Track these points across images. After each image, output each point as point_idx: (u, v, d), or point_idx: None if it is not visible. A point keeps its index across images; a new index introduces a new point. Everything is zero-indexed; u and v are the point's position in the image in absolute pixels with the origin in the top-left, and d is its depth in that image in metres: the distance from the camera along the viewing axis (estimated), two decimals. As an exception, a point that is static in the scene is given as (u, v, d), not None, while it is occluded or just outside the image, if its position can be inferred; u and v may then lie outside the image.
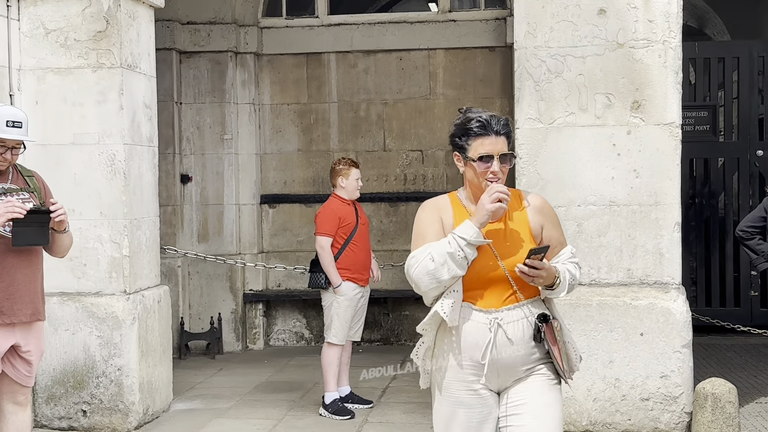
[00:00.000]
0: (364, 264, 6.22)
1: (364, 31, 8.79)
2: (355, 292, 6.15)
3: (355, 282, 6.14)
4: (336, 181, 6.24)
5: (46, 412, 5.79)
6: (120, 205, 5.79)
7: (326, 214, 6.15)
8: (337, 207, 6.18)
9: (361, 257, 6.19)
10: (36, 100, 5.77)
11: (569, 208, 5.41)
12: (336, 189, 6.26)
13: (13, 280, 4.00)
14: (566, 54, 5.39)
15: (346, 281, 6.10)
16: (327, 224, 6.11)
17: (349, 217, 6.18)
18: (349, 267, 6.12)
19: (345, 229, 6.14)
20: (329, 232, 6.10)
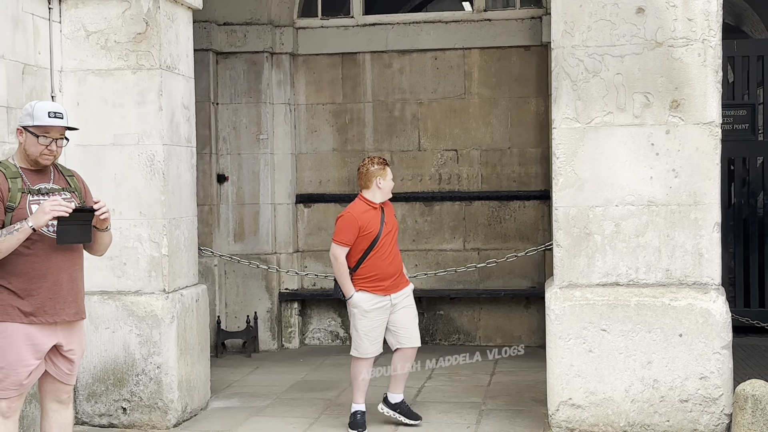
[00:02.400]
0: (387, 272, 5.72)
1: (399, 31, 8.80)
2: (373, 304, 5.70)
3: (372, 292, 5.69)
4: (371, 183, 5.75)
5: (87, 409, 5.87)
6: (159, 205, 5.85)
7: (347, 221, 5.68)
8: (359, 213, 5.69)
9: (382, 265, 5.70)
10: (77, 101, 5.85)
11: (607, 208, 5.38)
12: (366, 191, 5.77)
13: (57, 280, 4.06)
14: (604, 53, 5.36)
15: (361, 292, 5.68)
16: (345, 233, 5.66)
17: (371, 224, 5.70)
18: (366, 277, 5.69)
19: (366, 238, 5.68)
20: (345, 241, 5.66)
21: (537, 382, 6.82)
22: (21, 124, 4.06)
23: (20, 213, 3.96)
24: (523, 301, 8.70)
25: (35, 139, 4.02)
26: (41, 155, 4.06)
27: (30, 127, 4.02)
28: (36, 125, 4.01)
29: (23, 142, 4.06)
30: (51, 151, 4.08)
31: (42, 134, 4.02)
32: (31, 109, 4.05)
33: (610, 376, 5.31)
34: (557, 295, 5.41)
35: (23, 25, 5.41)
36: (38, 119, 4.01)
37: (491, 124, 8.79)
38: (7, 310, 3.97)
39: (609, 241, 5.38)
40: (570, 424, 5.34)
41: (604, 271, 5.38)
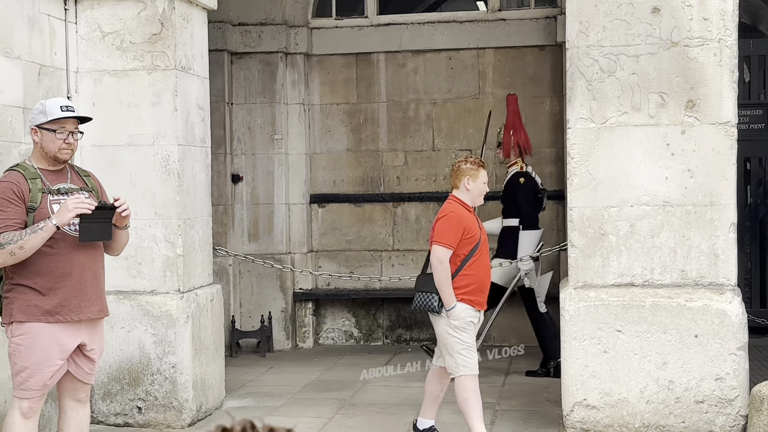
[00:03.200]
0: (484, 284, 5.20)
1: (413, 31, 8.80)
2: (470, 317, 5.13)
3: (469, 304, 5.10)
4: (459, 182, 5.19)
5: (103, 408, 5.89)
6: (174, 205, 5.87)
7: (452, 221, 5.07)
8: (462, 214, 5.12)
9: (479, 276, 5.15)
10: (93, 102, 5.88)
11: (622, 209, 5.37)
12: (456, 191, 5.20)
13: (81, 278, 4.08)
14: (619, 53, 5.34)
15: (461, 303, 5.08)
16: (450, 233, 5.04)
17: (473, 228, 5.13)
18: (465, 287, 5.08)
19: (468, 242, 5.09)
20: (451, 243, 5.04)
21: (551, 382, 6.80)
22: (34, 123, 4.07)
23: (42, 213, 3.99)
24: (538, 301, 8.66)
25: (52, 134, 4.05)
26: (60, 150, 4.07)
27: (45, 124, 4.04)
28: (51, 120, 4.03)
29: (39, 141, 4.08)
30: (69, 144, 4.10)
31: (59, 128, 4.05)
32: (42, 107, 4.07)
33: (625, 377, 5.29)
34: (572, 296, 5.39)
35: (39, 26, 5.45)
36: (52, 114, 4.03)
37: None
38: (32, 310, 4.00)
39: (624, 242, 5.36)
40: (585, 425, 5.33)
41: (619, 271, 5.37)
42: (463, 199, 5.20)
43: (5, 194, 3.95)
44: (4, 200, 3.94)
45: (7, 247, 3.87)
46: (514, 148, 7.42)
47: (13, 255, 3.89)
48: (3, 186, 3.98)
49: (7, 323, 4.06)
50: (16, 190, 3.96)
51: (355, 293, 8.81)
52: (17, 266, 3.98)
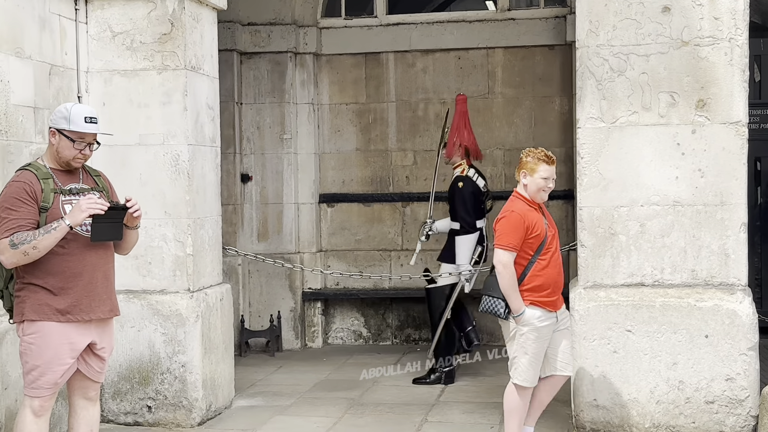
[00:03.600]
0: (555, 283, 4.88)
1: (422, 31, 8.79)
2: (542, 321, 4.82)
3: (541, 307, 4.81)
4: (518, 176, 4.93)
5: (113, 407, 5.91)
6: (184, 205, 5.88)
7: (512, 221, 4.79)
8: (525, 212, 4.82)
9: (551, 275, 4.85)
10: (103, 101, 5.89)
11: (632, 208, 5.36)
12: (519, 186, 4.94)
13: (92, 278, 4.10)
14: (629, 52, 5.33)
15: (530, 307, 4.79)
16: (512, 234, 4.75)
17: (538, 225, 4.82)
18: (534, 289, 4.80)
19: (533, 241, 4.80)
20: (513, 244, 4.75)
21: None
22: (55, 126, 4.07)
23: (54, 213, 4.01)
24: (547, 301, 8.65)
25: (70, 143, 4.06)
26: (74, 159, 4.10)
27: (66, 131, 4.05)
28: (72, 130, 4.04)
29: (56, 144, 4.08)
30: (84, 155, 4.12)
31: (78, 139, 4.06)
32: (67, 113, 4.06)
33: (635, 377, 5.28)
34: (581, 296, 5.39)
35: (50, 26, 5.46)
36: (75, 124, 4.04)
37: (515, 123, 8.76)
38: (44, 309, 4.01)
39: (634, 242, 5.35)
40: (595, 425, 5.32)
41: (629, 271, 5.36)
42: (523, 193, 4.91)
43: (18, 194, 3.96)
44: (17, 200, 3.95)
45: (21, 247, 3.89)
46: (459, 149, 7.30)
47: (26, 255, 3.91)
48: (16, 186, 4.00)
49: (19, 322, 4.08)
50: (28, 190, 3.97)
51: (364, 293, 8.82)
52: (29, 266, 3.99)
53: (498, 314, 4.87)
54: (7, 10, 5.04)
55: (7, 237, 3.91)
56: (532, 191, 4.86)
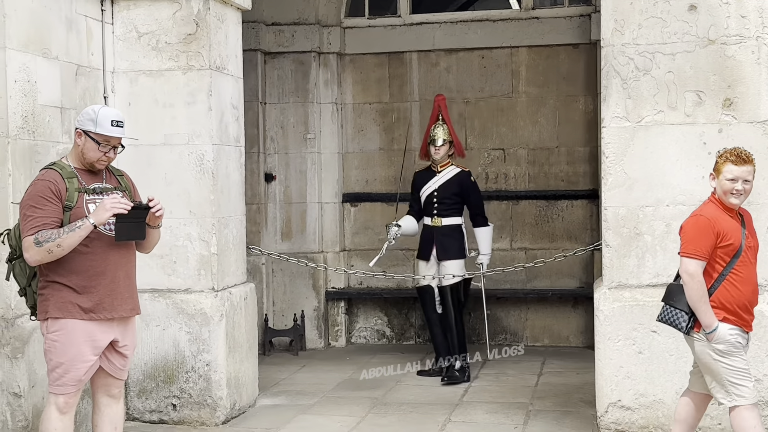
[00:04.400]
0: (749, 299, 4.35)
1: (446, 30, 8.78)
2: (737, 338, 4.32)
3: (734, 324, 4.31)
4: (712, 178, 4.44)
5: (138, 405, 5.95)
6: (208, 204, 5.91)
7: (698, 225, 4.32)
8: (715, 216, 4.32)
9: (746, 291, 4.33)
10: (129, 101, 5.93)
11: (657, 208, 5.32)
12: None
13: (114, 276, 4.14)
14: (655, 51, 5.30)
15: (722, 322, 4.29)
16: (698, 240, 4.27)
17: (732, 234, 4.30)
18: (725, 305, 4.30)
19: (725, 251, 4.29)
20: (701, 252, 4.26)
21: (585, 383, 6.76)
22: (82, 127, 4.11)
23: (78, 212, 4.04)
24: (571, 301, 8.64)
25: (96, 145, 4.10)
26: (98, 161, 4.14)
27: (92, 133, 4.08)
28: (98, 133, 4.08)
29: (81, 145, 4.12)
30: (108, 157, 4.16)
31: (103, 142, 4.10)
32: (94, 115, 4.09)
33: (661, 378, 5.24)
34: (606, 296, 5.36)
35: (77, 26, 5.50)
36: (101, 127, 4.07)
37: (539, 122, 8.74)
38: (67, 307, 4.05)
39: (659, 242, 5.31)
40: (619, 426, 5.29)
41: (655, 271, 5.32)
42: (721, 196, 4.38)
43: (43, 193, 4.01)
44: (42, 198, 3.99)
45: (45, 245, 3.93)
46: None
47: (50, 253, 3.95)
48: (41, 185, 4.04)
49: (43, 319, 4.12)
50: (53, 189, 4.01)
51: (387, 292, 8.82)
52: (53, 264, 4.03)
53: (679, 327, 4.39)
54: (35, 11, 5.09)
55: (32, 235, 3.95)
56: (720, 194, 4.36)
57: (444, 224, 7.27)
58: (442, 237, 7.26)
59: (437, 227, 7.28)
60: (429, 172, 7.43)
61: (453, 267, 7.23)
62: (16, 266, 4.19)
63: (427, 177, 7.41)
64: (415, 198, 7.48)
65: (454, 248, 7.25)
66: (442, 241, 7.25)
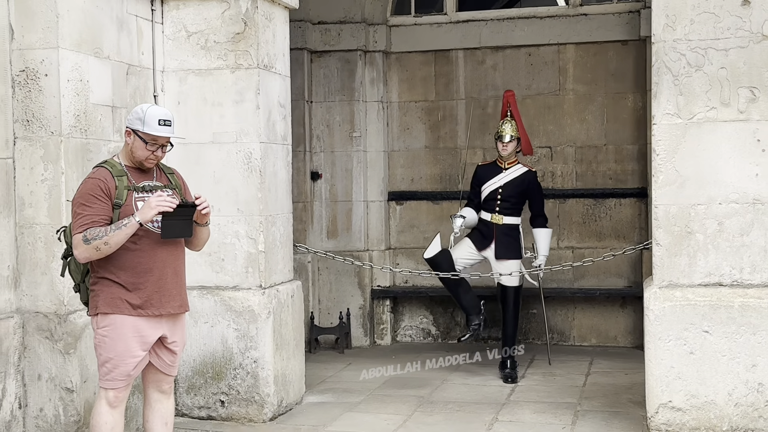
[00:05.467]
0: None
1: (492, 27, 8.74)
2: None
3: None
4: None
5: (187, 401, 6.00)
6: (256, 202, 5.94)
7: None
8: None
9: None
10: (178, 100, 5.99)
11: (709, 206, 5.23)
12: None
13: (162, 273, 4.18)
14: (707, 47, 5.21)
15: None
16: None
17: None
18: None
19: None
20: None
21: (634, 383, 6.69)
22: (131, 126, 4.16)
23: (127, 210, 4.09)
24: (619, 300, 8.54)
25: (143, 144, 4.14)
26: (146, 159, 4.19)
27: (140, 132, 4.13)
28: (146, 132, 4.12)
29: (130, 144, 4.18)
30: (156, 156, 4.21)
31: (151, 141, 4.14)
32: (142, 114, 4.13)
33: (712, 379, 5.16)
34: (657, 295, 5.28)
35: (127, 26, 5.57)
36: (149, 126, 4.12)
37: (586, 120, 8.65)
38: (116, 302, 4.11)
39: (711, 240, 5.23)
40: (670, 427, 5.22)
41: (707, 271, 5.23)
42: None
43: (93, 191, 4.07)
44: (91, 197, 4.05)
45: (93, 242, 3.99)
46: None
47: (98, 250, 4.01)
48: (91, 183, 4.10)
49: (93, 315, 4.18)
50: (103, 187, 4.07)
51: (432, 291, 8.80)
52: (102, 261, 4.09)
53: None
54: (87, 11, 5.16)
55: (81, 232, 4.02)
56: None
57: (504, 222, 7.21)
58: (501, 235, 7.20)
59: (497, 225, 7.22)
60: (494, 168, 7.34)
61: (512, 266, 7.18)
62: (71, 263, 4.26)
63: (493, 172, 7.31)
64: (475, 192, 7.37)
65: (514, 248, 7.21)
66: (502, 240, 7.20)
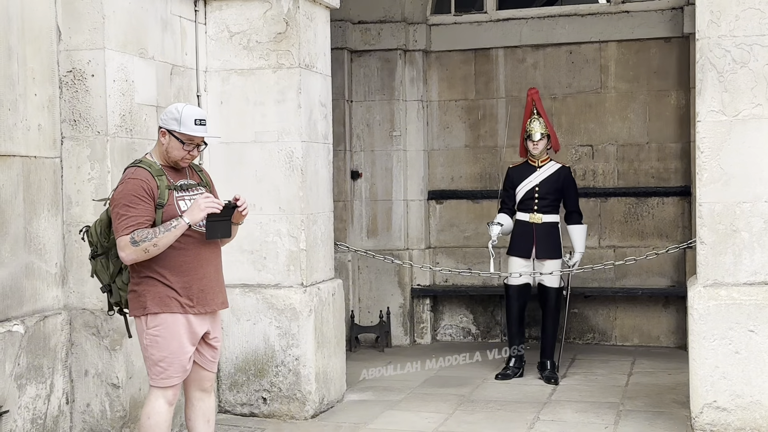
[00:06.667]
0: None
1: (533, 26, 8.70)
2: None
3: None
4: None
5: (230, 398, 6.06)
6: (297, 201, 5.98)
7: None
8: None
9: None
10: (221, 100, 6.04)
11: (755, 204, 5.17)
12: None
13: (206, 272, 4.22)
14: (753, 43, 5.14)
15: None
16: None
17: None
18: None
19: None
20: None
21: (677, 383, 6.63)
22: (166, 126, 4.16)
23: (170, 209, 4.12)
24: (662, 300, 8.46)
25: (180, 144, 4.15)
26: (182, 159, 4.20)
27: (176, 132, 4.14)
28: (182, 132, 4.14)
29: (165, 144, 4.17)
30: (192, 155, 4.23)
31: (187, 141, 4.17)
32: (178, 115, 4.14)
33: (758, 379, 5.09)
34: (701, 294, 5.23)
35: (171, 27, 5.64)
36: (186, 126, 4.12)
37: (628, 118, 8.58)
38: (165, 301, 4.13)
39: (757, 239, 5.16)
40: (714, 427, 5.16)
41: (752, 269, 5.17)
42: None
43: (137, 192, 4.06)
44: (135, 197, 4.05)
45: (142, 244, 4.00)
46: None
47: (147, 252, 4.02)
48: (134, 184, 4.08)
49: (141, 315, 4.17)
50: (146, 188, 4.07)
51: (473, 290, 8.79)
52: (147, 260, 4.10)
53: None
54: (132, 12, 5.23)
55: (128, 234, 4.00)
56: None
57: (544, 221, 7.12)
58: (542, 235, 7.12)
59: (537, 224, 7.13)
60: (527, 167, 7.24)
61: (553, 266, 7.12)
62: (97, 263, 4.24)
63: (526, 172, 7.22)
64: (509, 195, 7.28)
65: (555, 247, 7.15)
66: (542, 239, 7.12)
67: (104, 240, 4.20)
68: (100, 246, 4.21)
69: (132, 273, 4.19)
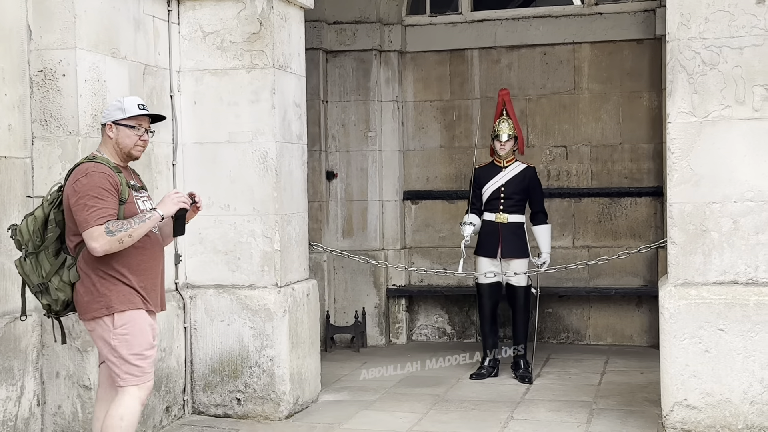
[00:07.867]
0: None
1: (507, 27, 8.75)
2: None
3: None
4: None
5: (203, 399, 6.04)
6: (272, 201, 5.98)
7: None
8: None
9: None
10: (194, 100, 6.03)
11: (724, 205, 5.22)
12: None
13: (157, 273, 4.28)
14: (722, 45, 5.20)
15: None
16: None
17: None
18: None
19: None
20: None
21: (649, 382, 6.68)
22: (111, 119, 4.15)
23: (130, 207, 4.10)
24: (635, 299, 8.54)
25: (130, 130, 4.16)
26: (135, 146, 4.19)
27: (123, 120, 4.14)
28: (129, 117, 4.14)
29: (114, 137, 4.15)
30: (144, 141, 4.22)
31: (137, 124, 4.17)
32: (120, 104, 4.17)
33: (728, 377, 5.15)
34: (672, 294, 5.28)
35: (144, 27, 5.62)
36: (130, 111, 4.15)
37: (602, 119, 8.65)
38: (130, 298, 4.11)
39: (727, 239, 5.22)
40: (685, 425, 5.21)
41: (722, 269, 5.23)
42: None
43: (104, 185, 4.00)
44: (103, 190, 4.00)
45: (118, 234, 3.95)
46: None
47: (121, 243, 3.98)
48: (100, 177, 4.02)
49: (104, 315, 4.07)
50: (111, 182, 4.04)
51: (448, 290, 8.82)
52: (106, 259, 4.02)
53: None
54: (104, 11, 5.21)
55: (102, 224, 3.94)
56: None
57: (509, 221, 7.16)
58: (508, 234, 7.16)
59: (503, 224, 7.17)
60: (493, 168, 7.30)
61: (520, 265, 7.16)
62: (26, 264, 4.07)
63: (492, 172, 7.27)
64: (476, 195, 7.34)
65: (521, 246, 7.19)
66: (508, 239, 7.16)
67: (37, 238, 4.07)
68: (31, 244, 4.07)
69: (87, 272, 4.07)
